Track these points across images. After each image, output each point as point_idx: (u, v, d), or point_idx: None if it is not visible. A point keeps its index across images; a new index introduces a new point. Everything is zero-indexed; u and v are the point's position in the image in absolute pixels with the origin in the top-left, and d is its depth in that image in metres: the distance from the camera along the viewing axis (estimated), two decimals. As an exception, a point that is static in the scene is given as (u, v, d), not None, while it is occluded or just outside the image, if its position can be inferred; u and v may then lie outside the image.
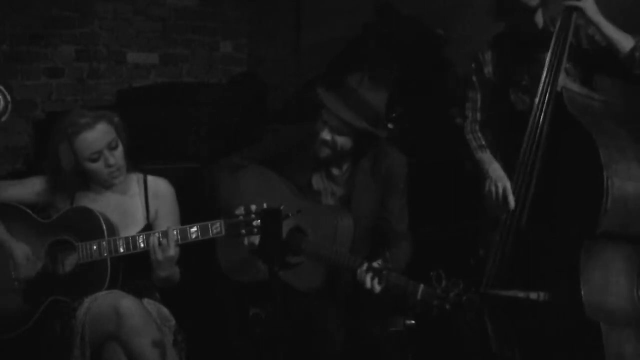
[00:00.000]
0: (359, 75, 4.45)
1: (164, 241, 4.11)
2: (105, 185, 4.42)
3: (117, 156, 4.35)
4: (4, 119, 3.94)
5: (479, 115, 4.58)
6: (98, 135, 4.29)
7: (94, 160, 4.31)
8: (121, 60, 6.00)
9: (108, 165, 4.31)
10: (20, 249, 4.27)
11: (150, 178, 4.55)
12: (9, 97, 3.93)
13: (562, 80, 4.18)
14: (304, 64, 6.13)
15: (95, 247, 4.18)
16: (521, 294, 4.03)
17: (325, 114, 4.41)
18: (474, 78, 4.59)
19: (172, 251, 4.13)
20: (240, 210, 4.10)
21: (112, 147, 4.33)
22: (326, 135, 4.40)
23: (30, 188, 4.45)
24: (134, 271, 4.27)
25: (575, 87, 4.24)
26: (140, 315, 4.06)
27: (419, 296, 4.05)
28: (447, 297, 3.98)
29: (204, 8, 6.41)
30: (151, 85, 6.13)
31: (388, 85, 4.57)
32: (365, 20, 5.97)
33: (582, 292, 3.96)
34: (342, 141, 4.40)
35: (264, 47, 6.67)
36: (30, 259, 4.27)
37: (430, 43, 5.37)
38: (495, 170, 4.35)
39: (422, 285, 4.05)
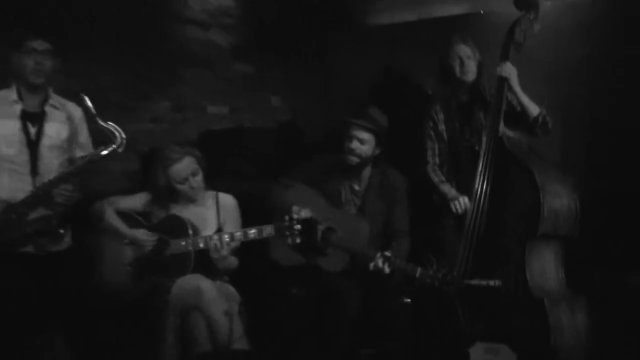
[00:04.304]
0: (368, 106, 4.60)
1: (219, 243, 4.22)
2: (189, 200, 4.47)
3: (198, 180, 4.43)
4: (120, 150, 3.99)
5: (437, 159, 4.58)
6: (185, 166, 4.39)
7: (182, 183, 4.40)
8: (202, 111, 6.00)
9: (191, 187, 4.41)
10: (139, 232, 4.39)
11: (220, 195, 4.59)
12: (123, 135, 3.99)
13: (502, 128, 4.22)
14: (329, 114, 6.17)
15: (183, 242, 4.27)
16: (483, 282, 4.04)
17: (351, 130, 4.52)
18: (431, 132, 4.60)
19: (225, 251, 4.23)
20: (287, 218, 4.19)
21: (194, 174, 4.41)
22: (354, 144, 4.51)
23: (139, 201, 4.52)
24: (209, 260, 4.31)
25: (510, 133, 4.29)
26: (214, 292, 4.15)
27: (417, 275, 4.09)
28: (437, 276, 4.02)
29: (260, 73, 6.37)
30: (223, 129, 6.07)
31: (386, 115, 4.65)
32: (375, 81, 6.03)
33: (528, 278, 4.00)
34: (364, 149, 4.52)
35: (302, 101, 6.66)
36: (147, 236, 4.37)
37: (422, 98, 5.36)
38: (455, 195, 4.40)
39: (419, 268, 4.09)
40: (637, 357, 4.12)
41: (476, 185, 4.21)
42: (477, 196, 4.20)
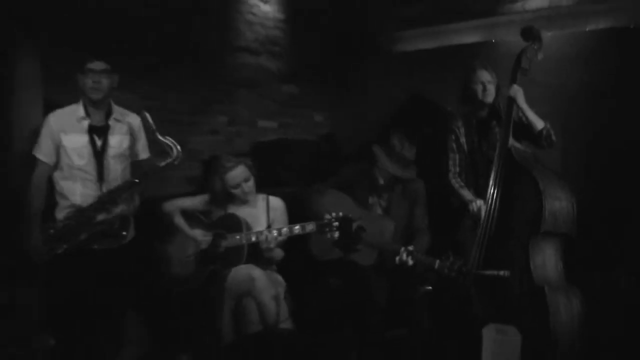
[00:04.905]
0: (399, 139, 4.56)
1: (269, 237, 4.26)
2: (242, 202, 4.50)
3: (250, 185, 4.46)
4: (176, 162, 4.01)
5: (457, 168, 4.55)
6: (238, 174, 4.42)
7: (235, 188, 4.44)
8: (254, 125, 6.13)
9: (244, 192, 4.44)
10: (197, 232, 4.44)
11: (270, 197, 4.62)
12: (179, 149, 4.00)
13: (511, 141, 4.20)
14: (363, 130, 6.21)
15: (238, 237, 4.31)
16: (494, 272, 4.07)
17: (380, 167, 4.56)
18: (453, 145, 4.56)
19: (272, 244, 4.28)
20: (327, 217, 4.28)
21: (246, 180, 4.44)
22: (381, 181, 4.58)
23: (200, 202, 4.56)
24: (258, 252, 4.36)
25: (517, 145, 4.25)
26: (264, 280, 4.20)
27: (435, 267, 4.13)
28: (453, 268, 4.07)
29: (304, 94, 6.38)
30: (272, 141, 6.17)
31: (416, 142, 4.66)
32: (402, 100, 6.02)
33: (532, 269, 3.98)
34: (387, 181, 4.58)
35: (340, 118, 6.68)
36: (204, 236, 4.41)
37: (442, 115, 5.38)
38: (473, 198, 4.38)
39: (437, 260, 4.11)
40: (621, 338, 4.14)
41: (489, 190, 4.25)
42: (490, 199, 4.23)
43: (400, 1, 6.23)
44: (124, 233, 4.13)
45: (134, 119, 4.27)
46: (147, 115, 3.99)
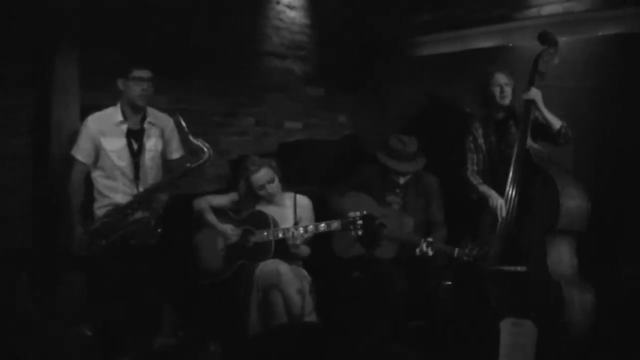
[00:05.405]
0: (396, 139, 4.58)
1: (295, 234, 4.28)
2: (269, 202, 4.48)
3: (274, 187, 4.44)
4: (208, 164, 4.02)
5: (475, 167, 4.51)
6: (262, 175, 4.40)
7: (260, 189, 4.42)
8: (280, 126, 6.16)
9: (269, 193, 4.43)
10: (227, 227, 4.42)
11: (298, 196, 4.58)
12: (211, 152, 4.00)
13: (529, 142, 4.21)
14: (383, 130, 6.19)
15: (265, 233, 4.31)
16: (512, 268, 4.08)
17: (394, 170, 4.56)
18: (472, 145, 4.52)
19: (298, 241, 4.29)
20: (351, 214, 4.24)
21: (270, 182, 4.42)
22: (401, 181, 4.58)
23: (229, 199, 4.56)
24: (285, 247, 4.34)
25: (535, 145, 4.27)
26: (290, 274, 4.20)
27: (455, 254, 4.19)
28: (471, 254, 4.13)
29: (328, 97, 6.41)
30: (297, 141, 6.17)
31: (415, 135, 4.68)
32: (420, 102, 6.01)
33: (548, 265, 4.03)
34: (406, 179, 4.59)
35: (362, 119, 6.68)
36: (233, 231, 4.41)
37: (461, 117, 5.35)
38: (494, 194, 4.31)
39: (456, 248, 4.19)
40: (629, 329, 4.12)
41: (507, 189, 4.23)
42: (508, 198, 4.22)
43: (422, 8, 6.22)
44: (159, 230, 4.14)
45: (167, 121, 4.28)
46: (181, 118, 4.01)
